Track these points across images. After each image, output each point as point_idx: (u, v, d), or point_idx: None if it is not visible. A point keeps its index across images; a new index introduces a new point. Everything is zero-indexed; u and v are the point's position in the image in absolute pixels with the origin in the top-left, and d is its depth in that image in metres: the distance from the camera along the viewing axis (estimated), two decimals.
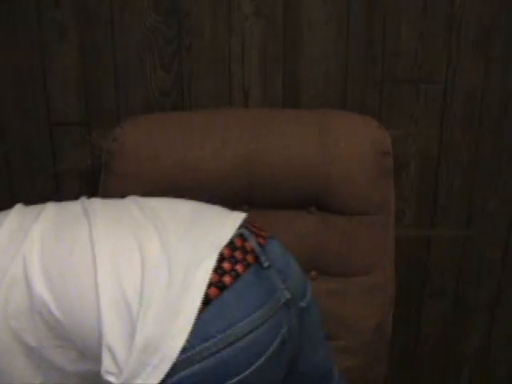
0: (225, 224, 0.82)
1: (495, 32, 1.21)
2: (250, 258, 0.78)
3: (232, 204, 1.09)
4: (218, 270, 0.73)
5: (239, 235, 0.80)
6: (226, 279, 0.73)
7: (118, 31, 1.20)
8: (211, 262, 0.74)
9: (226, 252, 0.76)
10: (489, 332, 1.46)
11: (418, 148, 1.29)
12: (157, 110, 1.25)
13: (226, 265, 0.75)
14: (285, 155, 1.06)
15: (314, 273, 1.11)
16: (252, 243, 0.80)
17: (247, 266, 0.77)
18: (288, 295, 0.80)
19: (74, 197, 1.29)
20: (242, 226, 0.83)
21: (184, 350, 0.68)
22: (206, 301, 0.70)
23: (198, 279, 0.72)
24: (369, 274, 1.11)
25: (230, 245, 0.77)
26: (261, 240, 0.83)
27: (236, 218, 0.84)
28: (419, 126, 1.28)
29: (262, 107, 1.26)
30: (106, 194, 1.10)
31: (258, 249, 0.80)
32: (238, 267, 0.75)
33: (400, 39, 1.21)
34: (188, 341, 0.68)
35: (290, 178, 1.07)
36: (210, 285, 0.71)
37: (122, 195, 1.07)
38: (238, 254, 0.77)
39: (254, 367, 0.72)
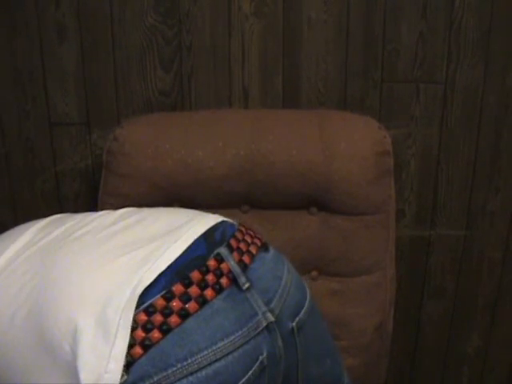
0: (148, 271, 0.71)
1: (495, 32, 1.21)
2: (224, 281, 0.73)
3: (232, 204, 1.10)
4: (183, 296, 0.69)
5: (216, 255, 0.75)
6: (191, 306, 0.69)
7: (118, 31, 1.20)
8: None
9: (196, 276, 0.71)
10: (489, 332, 1.46)
11: (418, 148, 1.29)
12: (157, 110, 1.25)
13: (193, 290, 0.70)
14: (285, 155, 1.06)
15: (314, 273, 1.11)
16: (230, 263, 0.75)
17: (219, 290, 0.72)
18: (271, 318, 0.75)
19: (74, 197, 1.31)
20: (224, 241, 0.77)
21: (141, 379, 0.64)
22: (167, 330, 0.66)
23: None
24: (369, 273, 1.11)
25: (202, 267, 0.72)
26: (245, 258, 0.77)
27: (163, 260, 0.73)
28: (419, 126, 1.28)
29: (261, 107, 1.26)
30: (106, 194, 1.10)
31: (236, 270, 0.74)
32: (207, 292, 0.71)
33: (400, 39, 1.22)
34: (146, 370, 0.65)
35: (290, 178, 1.07)
36: (172, 313, 0.67)
37: (122, 195, 1.08)
38: (209, 278, 0.72)
39: None
